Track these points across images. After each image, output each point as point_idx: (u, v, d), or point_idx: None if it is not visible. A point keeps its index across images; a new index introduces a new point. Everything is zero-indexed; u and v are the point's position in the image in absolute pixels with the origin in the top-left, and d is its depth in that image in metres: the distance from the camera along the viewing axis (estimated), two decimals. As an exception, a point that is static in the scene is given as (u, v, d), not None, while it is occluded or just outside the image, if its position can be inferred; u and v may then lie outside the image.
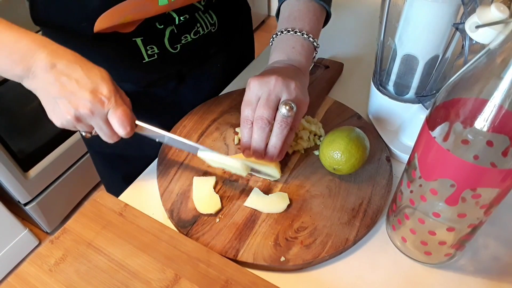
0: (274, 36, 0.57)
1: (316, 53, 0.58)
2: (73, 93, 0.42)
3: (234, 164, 0.50)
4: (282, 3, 0.60)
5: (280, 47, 0.56)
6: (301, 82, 0.52)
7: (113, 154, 0.77)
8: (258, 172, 0.54)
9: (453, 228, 0.41)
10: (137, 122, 0.48)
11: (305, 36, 0.55)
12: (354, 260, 0.47)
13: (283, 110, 0.48)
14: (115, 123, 0.45)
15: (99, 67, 0.45)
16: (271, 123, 0.49)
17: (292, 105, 0.48)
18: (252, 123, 0.50)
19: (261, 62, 0.81)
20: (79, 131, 0.47)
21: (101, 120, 0.44)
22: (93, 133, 0.48)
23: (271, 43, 0.58)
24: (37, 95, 0.44)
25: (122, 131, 0.45)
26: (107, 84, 0.44)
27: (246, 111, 0.51)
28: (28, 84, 0.44)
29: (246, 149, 0.52)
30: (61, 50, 0.43)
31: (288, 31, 0.55)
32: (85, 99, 0.42)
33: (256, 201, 0.51)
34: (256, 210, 0.50)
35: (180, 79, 0.70)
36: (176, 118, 0.64)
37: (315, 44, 0.56)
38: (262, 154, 0.51)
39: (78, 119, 0.43)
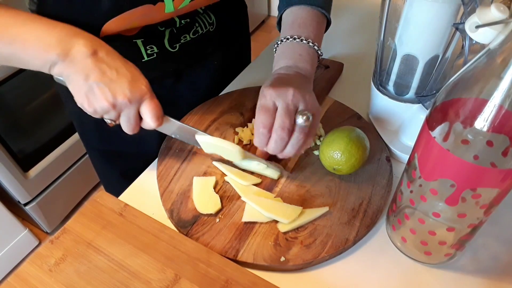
0: (279, 42, 0.57)
1: (318, 61, 0.59)
2: (112, 80, 0.44)
3: (231, 147, 0.51)
4: (284, 11, 0.60)
5: (287, 54, 0.56)
6: (312, 92, 0.52)
7: (110, 151, 0.77)
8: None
9: (453, 228, 0.41)
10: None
11: (310, 44, 0.55)
12: (354, 260, 0.47)
13: (300, 120, 0.48)
14: (148, 114, 0.46)
15: (131, 62, 0.46)
16: (290, 133, 0.49)
17: (309, 115, 0.48)
18: (269, 130, 0.49)
19: (260, 63, 0.81)
20: (104, 118, 0.48)
21: (134, 111, 0.46)
22: (117, 122, 0.49)
23: (275, 50, 0.58)
24: (68, 80, 0.45)
25: (154, 122, 0.47)
26: (143, 77, 0.46)
27: (263, 116, 0.49)
28: (61, 69, 0.44)
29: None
30: (96, 38, 0.45)
31: (294, 39, 0.55)
32: (125, 88, 0.44)
33: (253, 213, 0.50)
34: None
35: (177, 77, 0.70)
36: (173, 115, 0.64)
37: (319, 52, 0.57)
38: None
39: (114, 106, 0.44)
